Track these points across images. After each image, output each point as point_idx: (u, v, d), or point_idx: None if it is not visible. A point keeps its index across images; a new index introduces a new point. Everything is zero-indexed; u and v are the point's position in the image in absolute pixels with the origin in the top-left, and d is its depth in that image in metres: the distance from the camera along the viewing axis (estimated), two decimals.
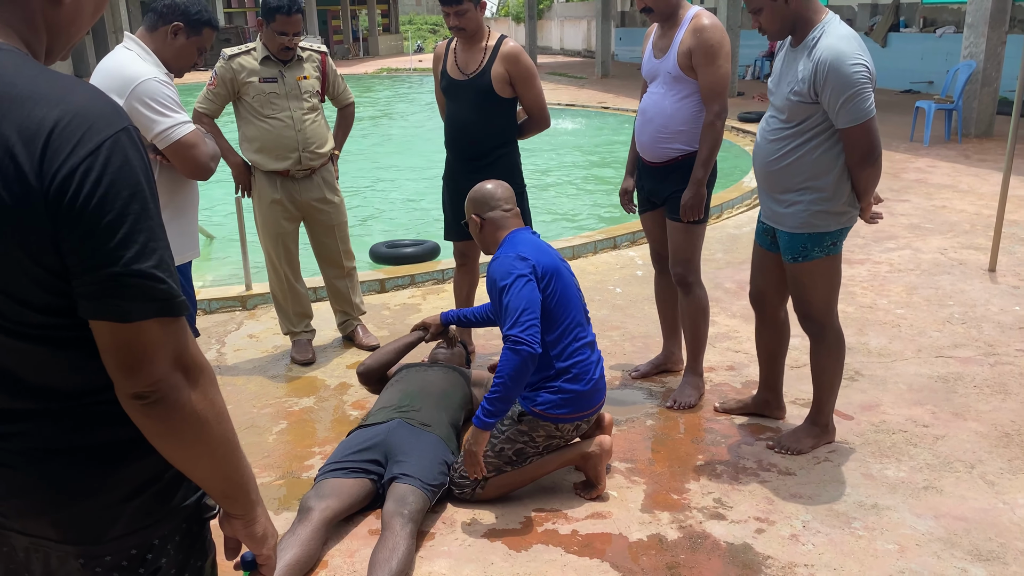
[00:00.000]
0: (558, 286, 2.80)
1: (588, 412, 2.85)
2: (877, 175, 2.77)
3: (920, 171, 8.25)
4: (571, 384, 2.78)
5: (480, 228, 3.03)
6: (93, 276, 0.98)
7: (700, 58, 3.19)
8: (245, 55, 3.78)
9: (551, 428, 2.82)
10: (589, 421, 2.91)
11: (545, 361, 2.79)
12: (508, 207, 3.03)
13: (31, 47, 1.08)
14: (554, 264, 2.83)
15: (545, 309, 2.76)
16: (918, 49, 15.12)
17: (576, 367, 2.80)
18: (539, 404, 2.79)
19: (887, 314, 4.51)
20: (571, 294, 2.86)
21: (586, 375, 2.81)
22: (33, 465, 1.09)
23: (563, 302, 2.81)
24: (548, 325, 2.77)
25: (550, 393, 2.78)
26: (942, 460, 3.05)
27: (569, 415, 2.80)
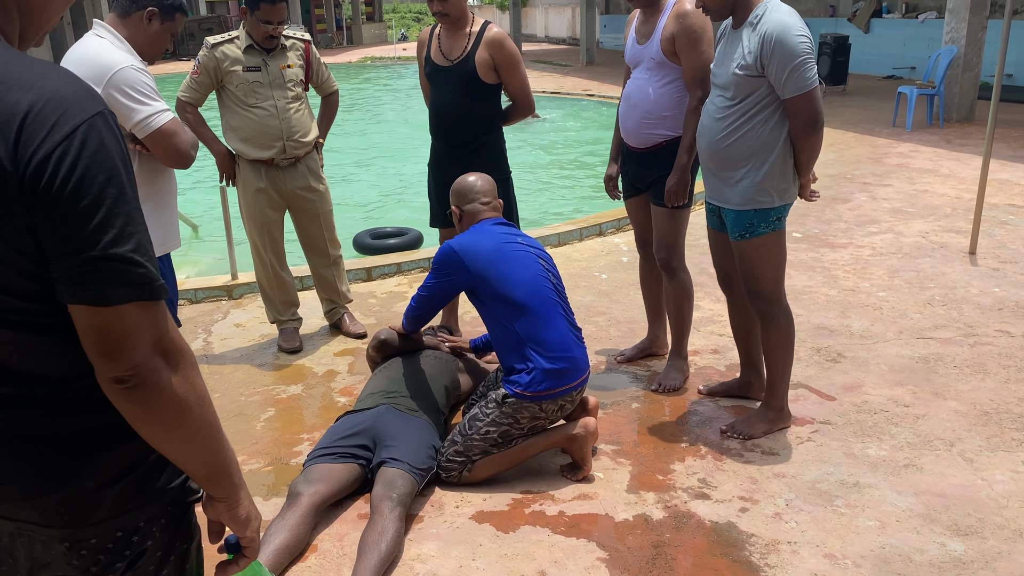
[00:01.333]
0: (505, 268, 2.90)
1: (569, 387, 2.87)
2: (818, 145, 2.86)
3: (902, 156, 8.31)
4: (546, 361, 2.82)
5: (459, 219, 3.19)
6: (70, 261, 0.98)
7: (683, 43, 3.22)
8: (228, 43, 3.76)
9: (534, 408, 2.85)
10: (572, 400, 2.93)
11: (515, 341, 2.86)
12: (487, 200, 3.18)
13: (4, 32, 1.07)
14: (494, 253, 2.94)
15: (495, 291, 2.89)
16: (900, 35, 15.20)
17: (549, 344, 2.84)
18: (519, 385, 2.82)
19: (869, 297, 4.56)
20: (526, 276, 2.92)
21: (561, 350, 2.85)
22: (16, 451, 1.09)
23: (517, 282, 2.89)
24: (508, 309, 2.88)
25: (527, 374, 2.82)
26: (922, 439, 3.10)
27: (549, 391, 2.83)
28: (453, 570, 2.46)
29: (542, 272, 2.99)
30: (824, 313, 4.34)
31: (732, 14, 2.89)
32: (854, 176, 7.48)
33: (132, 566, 1.18)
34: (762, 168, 2.86)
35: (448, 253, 2.97)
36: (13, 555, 1.15)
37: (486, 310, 2.96)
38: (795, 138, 2.83)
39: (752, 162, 2.88)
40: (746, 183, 2.90)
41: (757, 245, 2.96)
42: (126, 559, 1.17)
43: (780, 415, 3.17)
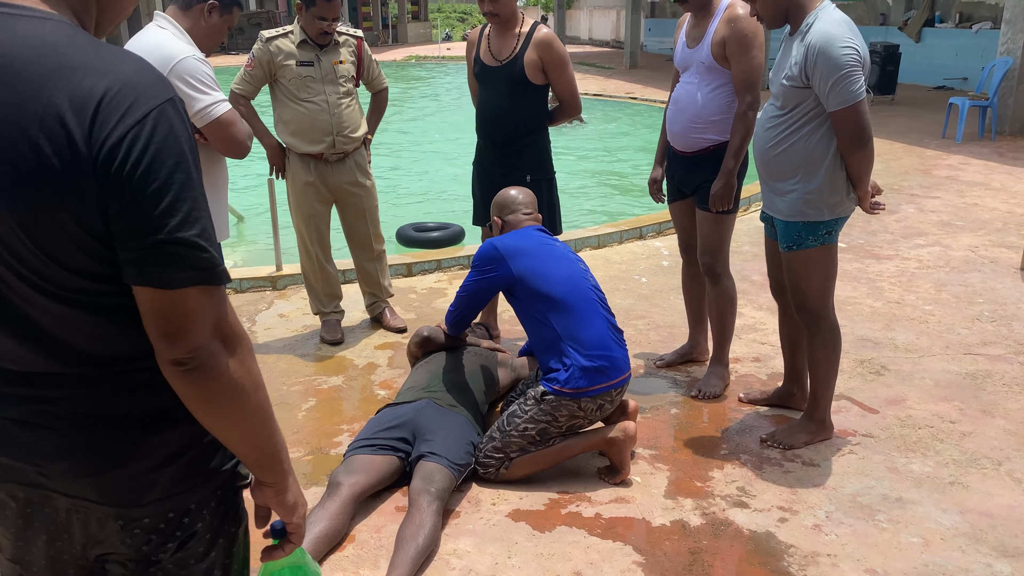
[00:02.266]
0: (545, 267, 2.94)
1: (608, 385, 2.86)
2: (869, 159, 2.78)
3: (952, 168, 8.15)
4: (584, 359, 2.82)
5: (500, 229, 3.23)
6: (137, 243, 1.00)
7: (734, 48, 3.19)
8: (283, 38, 3.82)
9: (573, 407, 2.85)
10: (612, 400, 2.92)
11: (553, 339, 2.87)
12: (528, 211, 3.25)
13: (81, 20, 1.10)
14: (535, 251, 2.99)
15: (536, 288, 2.92)
16: (953, 45, 14.89)
17: (587, 341, 2.84)
18: (558, 382, 2.83)
19: (915, 310, 4.48)
20: (565, 274, 2.95)
21: (602, 347, 2.85)
22: (76, 429, 1.11)
23: (558, 280, 2.91)
24: (546, 306, 2.89)
25: (565, 371, 2.83)
26: (969, 456, 3.04)
27: (588, 388, 2.83)
28: (489, 567, 2.47)
29: (581, 272, 3.00)
30: (868, 325, 4.28)
31: (787, 21, 2.85)
32: (901, 187, 7.36)
33: (183, 547, 1.21)
34: (812, 180, 2.82)
35: (489, 250, 3.00)
36: (69, 531, 1.18)
37: (524, 308, 2.97)
38: (842, 152, 2.77)
39: (800, 173, 2.83)
40: (795, 194, 2.86)
41: (805, 258, 2.92)
42: (177, 540, 1.19)
43: (822, 426, 3.13)
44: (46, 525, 1.17)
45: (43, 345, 1.08)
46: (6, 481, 1.15)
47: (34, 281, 1.03)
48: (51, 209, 0.99)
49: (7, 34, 1.00)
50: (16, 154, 0.97)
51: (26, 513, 1.17)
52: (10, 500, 1.17)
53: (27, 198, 0.98)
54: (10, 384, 1.11)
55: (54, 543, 1.19)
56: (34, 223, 1.00)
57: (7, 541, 1.21)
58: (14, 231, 1.00)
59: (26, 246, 1.01)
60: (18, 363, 1.10)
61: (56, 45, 1.00)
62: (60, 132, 0.97)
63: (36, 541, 1.19)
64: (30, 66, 0.98)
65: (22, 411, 1.11)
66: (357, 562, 2.50)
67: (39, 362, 1.09)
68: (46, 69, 0.98)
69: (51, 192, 0.98)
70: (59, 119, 0.97)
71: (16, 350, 1.08)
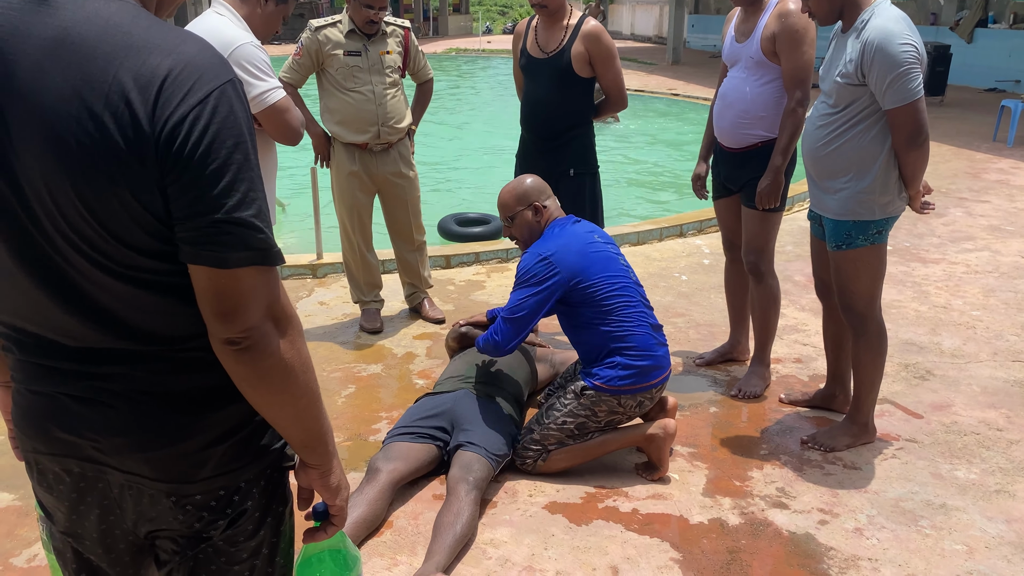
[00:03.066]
0: (593, 269, 2.85)
1: (649, 385, 2.85)
2: (924, 159, 2.72)
3: (1002, 172, 7.96)
4: (630, 359, 2.81)
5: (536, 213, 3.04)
6: (196, 222, 1.01)
7: (784, 43, 3.15)
8: (331, 27, 3.85)
9: (613, 403, 2.84)
10: (651, 397, 2.91)
11: (599, 340, 2.85)
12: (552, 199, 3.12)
13: (143, 1, 1.12)
14: (583, 251, 2.87)
15: (585, 294, 2.84)
16: (1006, 46, 14.53)
17: (633, 340, 2.82)
18: (600, 378, 2.82)
19: (962, 315, 4.39)
20: (613, 275, 2.88)
21: (645, 349, 2.83)
22: (132, 405, 1.13)
23: (605, 282, 2.85)
24: (595, 312, 2.84)
25: (610, 368, 2.82)
26: (1016, 465, 2.97)
27: (630, 387, 2.82)
28: (525, 557, 2.48)
29: (624, 272, 2.96)
30: (914, 329, 4.20)
31: (840, 18, 2.81)
32: (949, 191, 7.20)
33: (233, 524, 1.22)
34: (864, 179, 2.78)
35: (541, 263, 2.85)
36: (121, 506, 1.20)
37: (572, 313, 2.90)
38: (898, 151, 2.73)
39: (853, 172, 2.79)
40: (845, 193, 2.82)
41: (854, 257, 2.88)
42: (228, 517, 1.21)
43: (864, 430, 3.08)
44: (99, 500, 1.19)
45: (101, 321, 1.10)
46: (62, 455, 1.17)
47: (94, 257, 1.05)
48: (113, 187, 1.00)
49: (75, 13, 1.02)
50: (82, 131, 0.99)
51: (80, 487, 1.19)
52: (64, 474, 1.19)
53: (90, 175, 1.00)
54: (68, 359, 1.13)
55: (106, 518, 1.21)
56: (96, 200, 1.01)
57: (61, 514, 1.23)
58: (76, 208, 1.02)
59: (87, 222, 1.03)
60: (76, 339, 1.12)
61: (121, 24, 1.02)
62: (124, 110, 0.98)
63: (89, 515, 1.21)
64: (97, 44, 1.00)
65: (79, 386, 1.13)
66: (395, 548, 2.53)
67: (97, 338, 1.11)
68: (112, 48, 1.00)
69: (114, 169, 1.00)
70: (124, 97, 0.98)
71: (74, 326, 1.10)
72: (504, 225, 3.14)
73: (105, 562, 1.25)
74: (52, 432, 1.16)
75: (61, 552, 1.29)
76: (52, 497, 1.22)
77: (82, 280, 1.07)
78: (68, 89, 0.99)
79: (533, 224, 3.05)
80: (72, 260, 1.06)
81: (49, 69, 0.99)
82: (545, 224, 3.06)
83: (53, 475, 1.20)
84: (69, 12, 1.02)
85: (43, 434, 1.17)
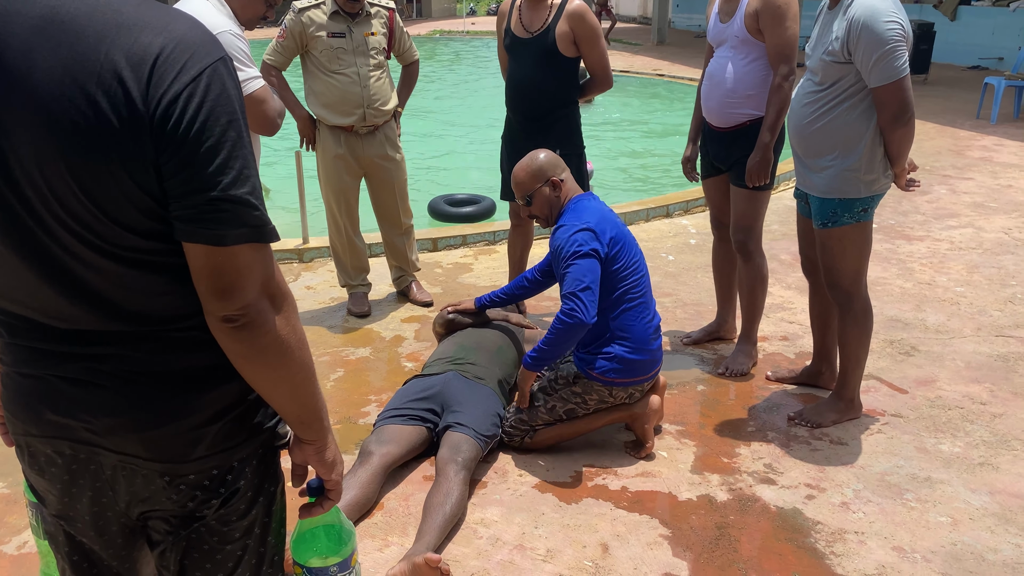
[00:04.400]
0: (623, 254, 2.83)
1: (642, 379, 2.88)
2: (910, 137, 2.74)
3: (986, 149, 8.01)
4: (627, 352, 2.81)
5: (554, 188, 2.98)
6: (191, 200, 1.01)
7: (767, 20, 3.15)
8: (315, 9, 3.81)
9: (604, 392, 2.86)
10: (642, 389, 2.93)
11: (601, 328, 2.84)
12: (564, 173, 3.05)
13: None
14: (620, 232, 2.86)
15: (606, 274, 2.79)
16: (989, 24, 14.56)
17: (633, 333, 2.82)
18: (595, 368, 2.82)
19: (946, 291, 4.43)
20: (634, 261, 2.88)
21: (643, 343, 2.84)
22: (125, 386, 1.13)
23: (626, 269, 2.84)
24: (607, 292, 2.81)
25: (606, 360, 2.82)
26: (999, 438, 3.01)
27: (623, 380, 2.83)
28: (516, 536, 2.49)
29: (643, 259, 2.94)
30: (898, 305, 4.24)
31: None
32: (933, 168, 7.24)
33: (226, 503, 1.23)
34: (849, 157, 2.79)
35: (583, 232, 2.77)
36: (113, 488, 1.20)
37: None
38: (883, 129, 2.74)
39: (839, 150, 2.80)
40: (831, 171, 2.83)
41: (839, 235, 2.89)
42: (221, 496, 1.22)
43: (850, 406, 3.11)
44: (91, 482, 1.19)
45: (93, 302, 1.09)
46: (54, 437, 1.17)
47: (86, 238, 1.05)
48: (108, 166, 1.00)
49: None
50: (75, 110, 0.98)
51: (72, 469, 1.19)
52: (56, 456, 1.19)
53: (84, 155, 0.99)
54: (59, 342, 1.13)
55: (98, 500, 1.21)
56: (90, 179, 1.01)
57: (53, 497, 1.23)
58: (70, 187, 1.01)
59: (81, 202, 1.02)
60: (67, 320, 1.11)
61: (111, 3, 1.01)
62: (118, 89, 0.98)
63: (81, 497, 1.21)
64: (87, 23, 0.99)
65: (71, 368, 1.13)
66: (386, 529, 2.54)
67: (88, 319, 1.10)
68: (102, 26, 0.99)
69: (108, 148, 0.99)
70: (117, 76, 0.98)
71: (65, 307, 1.10)
72: (523, 204, 3.08)
73: (98, 544, 1.26)
74: (44, 415, 1.15)
75: (53, 536, 1.29)
76: (44, 480, 1.22)
77: (74, 261, 1.07)
78: (59, 68, 0.98)
79: (553, 200, 3.00)
80: (64, 241, 1.05)
81: (38, 49, 0.98)
82: (565, 199, 3.00)
83: (45, 458, 1.20)
84: None
85: (35, 416, 1.16)
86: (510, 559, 2.40)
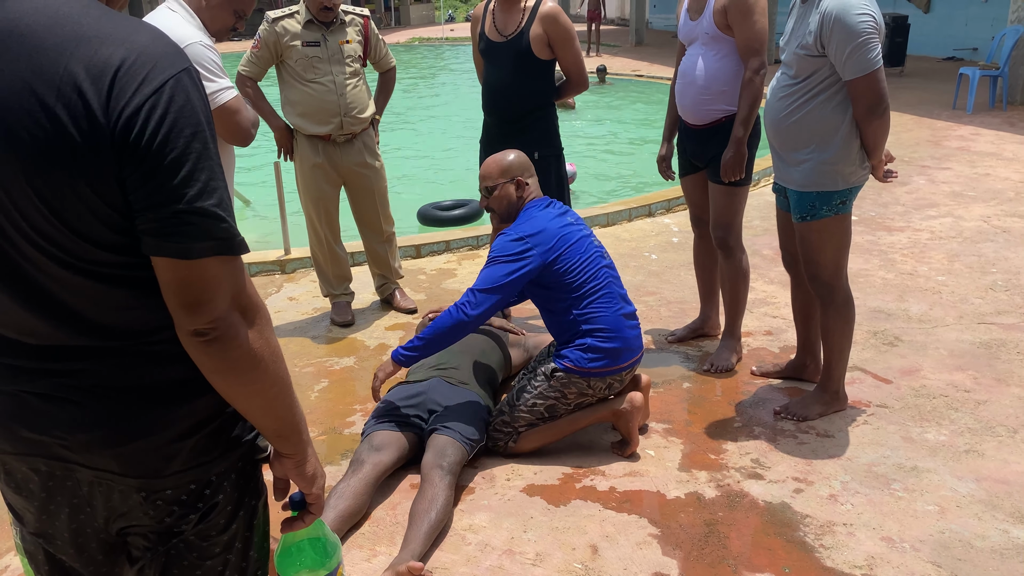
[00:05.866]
0: (568, 255, 2.85)
1: (619, 368, 2.87)
2: (885, 128, 2.75)
3: (963, 139, 8.08)
4: (599, 341, 2.82)
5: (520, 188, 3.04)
6: (157, 213, 1.00)
7: (735, 15, 3.16)
8: (288, 18, 3.79)
9: (583, 385, 2.85)
10: (621, 380, 2.92)
11: (570, 322, 2.86)
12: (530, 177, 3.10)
13: None
14: (556, 235, 2.87)
15: (559, 277, 2.84)
16: (963, 15, 14.71)
17: (602, 323, 2.83)
18: (570, 360, 2.83)
19: (928, 281, 4.45)
20: (586, 257, 2.89)
21: (615, 331, 2.84)
22: (98, 401, 1.12)
23: (576, 266, 2.86)
24: (566, 290, 2.85)
25: (580, 351, 2.83)
26: (984, 424, 3.03)
27: (600, 369, 2.83)
28: (504, 541, 2.48)
29: (598, 254, 2.96)
30: (881, 296, 4.26)
31: None
32: (912, 159, 7.29)
33: (204, 518, 1.21)
34: (826, 150, 2.80)
35: (517, 242, 2.85)
36: (91, 504, 1.18)
37: (545, 296, 2.91)
38: (859, 121, 2.75)
39: (815, 143, 2.81)
40: (809, 164, 2.84)
41: (819, 228, 2.90)
42: (199, 511, 1.20)
43: (836, 398, 3.12)
44: (68, 498, 1.18)
45: (62, 318, 1.08)
46: (29, 455, 1.16)
47: (52, 252, 1.03)
48: (69, 179, 0.99)
49: (23, 4, 1.00)
50: (34, 124, 0.97)
51: (48, 487, 1.18)
52: (32, 474, 1.17)
53: (45, 168, 0.98)
54: (29, 358, 1.11)
55: (76, 516, 1.19)
56: (52, 193, 0.99)
57: (30, 515, 1.22)
58: (33, 202, 1.00)
59: (45, 217, 1.01)
60: (37, 336, 1.10)
61: (71, 15, 1.00)
62: (78, 101, 0.97)
63: (59, 515, 1.20)
64: (46, 36, 0.98)
65: (43, 384, 1.12)
66: (373, 539, 2.52)
67: (58, 335, 1.09)
68: (62, 38, 0.98)
69: (69, 162, 0.98)
70: (76, 88, 0.97)
71: (35, 323, 1.08)
72: (482, 196, 3.11)
73: (77, 562, 1.24)
74: (18, 432, 1.14)
75: (32, 554, 1.27)
76: (21, 498, 1.21)
77: (41, 276, 1.05)
78: (18, 82, 0.97)
79: (513, 199, 3.04)
80: (30, 256, 1.04)
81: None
82: (524, 202, 3.05)
83: (21, 475, 1.18)
84: (17, 3, 1.00)
85: (9, 434, 1.15)
86: (499, 564, 2.38)
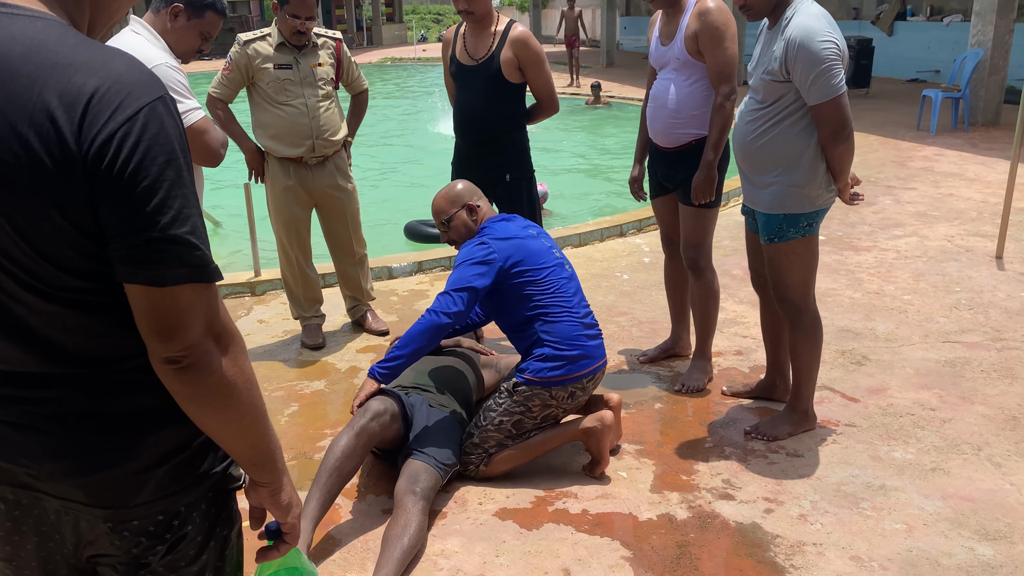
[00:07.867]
0: (526, 263, 2.91)
1: (579, 376, 2.88)
2: (850, 152, 2.81)
3: (926, 159, 8.24)
4: (557, 350, 2.85)
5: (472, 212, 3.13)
6: (129, 240, 1.00)
7: (706, 41, 3.22)
8: (260, 41, 3.79)
9: (545, 395, 2.86)
10: (583, 388, 2.93)
11: (529, 333, 2.90)
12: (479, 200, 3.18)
13: (74, 20, 1.09)
14: (517, 243, 2.94)
15: (518, 286, 2.89)
16: (925, 38, 15.07)
17: (559, 331, 2.86)
18: (530, 371, 2.85)
19: (894, 300, 4.53)
20: (546, 268, 2.93)
21: (571, 339, 2.87)
22: (65, 430, 1.10)
23: (534, 277, 2.90)
24: (522, 298, 2.90)
25: (538, 361, 2.86)
26: (949, 442, 3.07)
27: (559, 378, 2.84)
28: (477, 566, 2.47)
29: (559, 263, 3.00)
30: (848, 316, 4.32)
31: (770, 14, 2.87)
32: (877, 179, 7.43)
33: (172, 549, 1.20)
34: (793, 173, 2.84)
35: (480, 246, 2.93)
36: (60, 532, 1.17)
37: (500, 299, 2.96)
38: (824, 145, 2.80)
39: (782, 166, 2.86)
40: (776, 187, 2.88)
41: (786, 250, 2.94)
42: (167, 542, 1.19)
43: (805, 417, 3.15)
44: (36, 526, 1.17)
45: (32, 345, 1.07)
46: None
47: (24, 279, 1.03)
48: (41, 206, 0.98)
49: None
50: (6, 151, 0.97)
51: (15, 516, 1.17)
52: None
53: (18, 196, 0.98)
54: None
55: (45, 544, 1.18)
56: (24, 220, 0.99)
57: None
58: (4, 229, 1.00)
59: (16, 244, 1.00)
60: (6, 362, 1.09)
61: (46, 43, 1.00)
62: (50, 129, 0.96)
63: (26, 543, 1.18)
64: (21, 64, 0.98)
65: (11, 412, 1.10)
66: (344, 566, 2.49)
67: (28, 362, 1.08)
68: (37, 67, 0.98)
69: (41, 189, 0.98)
70: (49, 116, 0.96)
71: (4, 349, 1.07)
72: (441, 231, 3.19)
73: None
74: None
75: None
76: None
77: (11, 303, 1.05)
78: None
79: (469, 223, 3.12)
80: (1, 283, 1.03)
81: None
82: (479, 223, 3.13)
83: None
84: None
85: None
86: None
